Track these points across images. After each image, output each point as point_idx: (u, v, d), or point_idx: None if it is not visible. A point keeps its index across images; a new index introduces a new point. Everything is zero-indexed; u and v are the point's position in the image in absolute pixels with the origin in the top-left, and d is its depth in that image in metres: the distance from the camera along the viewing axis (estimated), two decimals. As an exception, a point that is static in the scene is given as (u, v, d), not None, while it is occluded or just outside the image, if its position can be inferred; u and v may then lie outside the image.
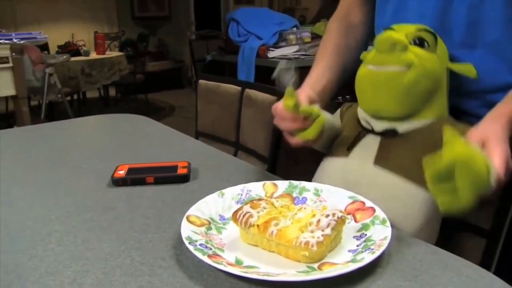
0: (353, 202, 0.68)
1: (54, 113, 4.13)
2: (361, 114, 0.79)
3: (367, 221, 0.63)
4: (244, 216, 0.60)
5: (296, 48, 3.23)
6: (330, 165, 0.80)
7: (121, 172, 0.85)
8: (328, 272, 0.51)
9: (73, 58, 4.10)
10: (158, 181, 0.83)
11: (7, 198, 0.79)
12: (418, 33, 0.72)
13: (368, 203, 0.67)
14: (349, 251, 0.58)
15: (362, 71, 0.76)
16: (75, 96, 5.21)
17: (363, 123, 0.78)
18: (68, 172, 0.91)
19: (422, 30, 0.72)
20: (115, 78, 4.59)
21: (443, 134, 0.57)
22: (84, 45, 5.05)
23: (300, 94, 0.77)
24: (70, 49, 4.61)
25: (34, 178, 0.89)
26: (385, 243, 0.56)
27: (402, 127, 0.74)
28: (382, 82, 0.72)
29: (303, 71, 0.79)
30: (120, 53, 4.97)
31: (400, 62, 0.70)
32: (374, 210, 0.65)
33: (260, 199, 0.64)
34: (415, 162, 0.68)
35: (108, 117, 1.41)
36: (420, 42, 0.71)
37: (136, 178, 0.83)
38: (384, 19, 0.88)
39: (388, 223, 0.61)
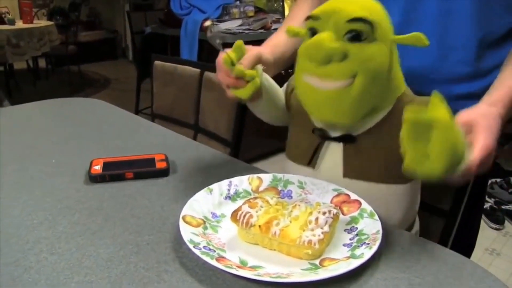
0: (338, 195, 0.71)
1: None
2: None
3: (355, 214, 0.67)
4: (244, 216, 0.61)
5: (239, 22, 3.19)
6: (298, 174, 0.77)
7: (97, 168, 0.82)
8: (335, 269, 0.54)
9: (-4, 27, 3.78)
10: (138, 176, 0.81)
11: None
12: (350, 26, 0.60)
13: (353, 196, 0.70)
14: (344, 245, 0.61)
15: (300, 83, 0.66)
16: (1, 68, 4.83)
17: (317, 125, 0.73)
18: (38, 168, 0.86)
19: (353, 20, 0.60)
20: (45, 49, 4.29)
21: (431, 98, 0.52)
22: (8, 12, 4.66)
23: (250, 51, 0.72)
24: (-9, 16, 4.23)
25: (1, 177, 0.82)
26: (379, 237, 0.59)
27: (361, 129, 0.70)
28: (326, 101, 0.64)
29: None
30: (50, 22, 4.64)
31: (342, 75, 0.61)
32: (360, 203, 0.68)
33: (255, 198, 0.65)
34: (382, 161, 0.70)
35: (63, 101, 1.33)
36: (355, 36, 0.60)
37: (115, 174, 0.80)
38: None
39: (376, 216, 0.64)
